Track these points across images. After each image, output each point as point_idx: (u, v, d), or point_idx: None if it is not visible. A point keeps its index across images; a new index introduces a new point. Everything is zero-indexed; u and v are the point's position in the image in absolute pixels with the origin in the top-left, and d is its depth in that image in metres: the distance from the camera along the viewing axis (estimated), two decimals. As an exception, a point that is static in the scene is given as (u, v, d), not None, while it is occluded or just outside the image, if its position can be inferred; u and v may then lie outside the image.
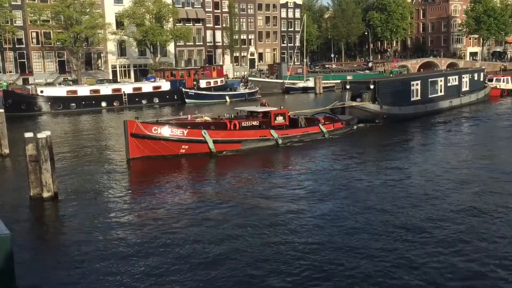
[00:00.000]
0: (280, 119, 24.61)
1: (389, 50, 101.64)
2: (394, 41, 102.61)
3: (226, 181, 17.87)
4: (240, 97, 52.61)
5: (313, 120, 26.73)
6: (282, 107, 26.26)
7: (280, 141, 23.62)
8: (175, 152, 21.51)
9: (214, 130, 22.72)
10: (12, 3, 58.17)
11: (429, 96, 34.46)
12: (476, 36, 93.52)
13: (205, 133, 21.74)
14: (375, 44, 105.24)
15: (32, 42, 61.37)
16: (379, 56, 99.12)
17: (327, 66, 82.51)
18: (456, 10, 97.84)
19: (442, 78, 36.16)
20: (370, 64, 79.86)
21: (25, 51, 60.94)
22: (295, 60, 78.12)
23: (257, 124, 24.56)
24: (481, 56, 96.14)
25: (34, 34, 61.21)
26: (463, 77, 38.72)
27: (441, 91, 35.81)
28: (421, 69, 78.56)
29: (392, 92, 31.50)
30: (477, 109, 37.60)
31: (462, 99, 37.93)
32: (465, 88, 38.86)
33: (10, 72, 58.93)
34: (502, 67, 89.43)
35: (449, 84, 36.68)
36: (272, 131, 23.58)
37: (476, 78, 40.75)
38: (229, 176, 18.70)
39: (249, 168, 20.21)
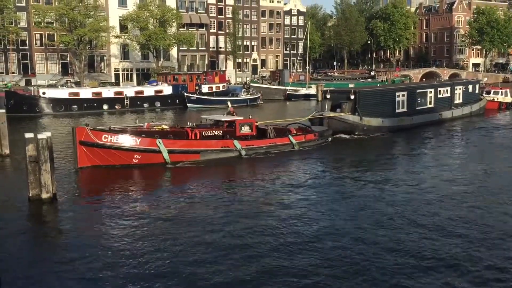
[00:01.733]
0: (246, 129, 23.39)
1: (391, 59, 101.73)
2: (397, 51, 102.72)
3: (171, 196, 16.58)
4: (242, 103, 52.59)
5: (284, 130, 25.55)
6: (250, 117, 25.08)
7: (243, 153, 22.23)
8: (127, 162, 20.18)
9: (170, 140, 21.31)
10: (17, 4, 58.39)
11: (417, 108, 33.11)
12: (479, 47, 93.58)
13: (159, 143, 20.43)
14: (378, 53, 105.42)
15: (36, 44, 61.50)
16: (382, 65, 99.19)
17: (329, 73, 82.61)
18: (459, 21, 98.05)
19: (432, 90, 34.76)
20: (372, 73, 79.92)
21: (28, 53, 61.06)
22: (298, 67, 78.22)
23: (220, 134, 23.28)
24: (484, 67, 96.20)
25: (37, 36, 61.35)
26: (456, 89, 37.23)
27: (430, 103, 34.39)
28: (424, 79, 78.57)
29: (375, 103, 30.08)
30: (469, 122, 35.88)
31: (454, 111, 36.42)
32: (457, 100, 37.31)
33: (13, 73, 59.02)
34: (501, 78, 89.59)
35: (439, 96, 35.27)
36: (235, 142, 22.28)
37: (470, 90, 39.14)
38: (177, 190, 17.41)
39: (202, 181, 18.72)
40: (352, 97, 28.82)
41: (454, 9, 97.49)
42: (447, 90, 36.17)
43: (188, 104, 49.31)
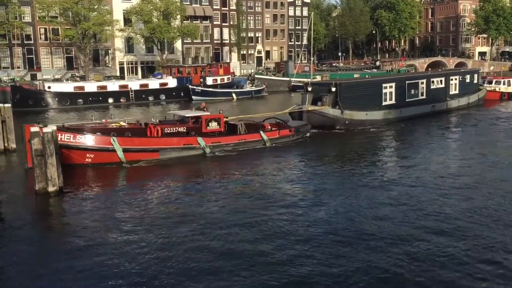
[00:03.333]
0: (213, 125, 22.01)
1: (396, 49, 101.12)
2: (402, 40, 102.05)
3: (116, 199, 15.63)
4: (247, 95, 52.60)
5: (258, 126, 23.87)
6: (221, 111, 24.03)
7: (207, 150, 21.05)
8: (80, 161, 19.08)
9: (127, 138, 20.10)
10: (21, -1, 58.54)
11: (407, 100, 31.59)
12: (485, 35, 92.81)
13: (114, 141, 19.24)
14: (383, 43, 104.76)
15: (40, 38, 61.63)
16: (387, 55, 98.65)
17: (334, 64, 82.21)
18: (465, 9, 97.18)
19: (424, 80, 33.07)
20: (377, 63, 79.48)
21: (33, 47, 61.21)
22: (302, 58, 77.93)
23: (184, 130, 21.79)
24: (490, 56, 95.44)
25: (42, 30, 61.49)
26: (451, 79, 35.42)
27: (422, 95, 32.79)
28: (429, 68, 78.11)
29: (358, 95, 28.63)
30: (465, 114, 34.19)
31: (448, 103, 34.84)
32: (453, 91, 35.58)
33: (18, 67, 59.24)
34: (508, 67, 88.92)
35: (432, 87, 33.60)
36: (199, 139, 21.02)
37: (468, 80, 37.27)
38: (122, 192, 16.52)
39: (152, 182, 17.45)
40: (333, 89, 27.51)
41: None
42: (441, 81, 34.51)
43: (193, 97, 49.35)
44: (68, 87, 46.31)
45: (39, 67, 61.29)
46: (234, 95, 51.59)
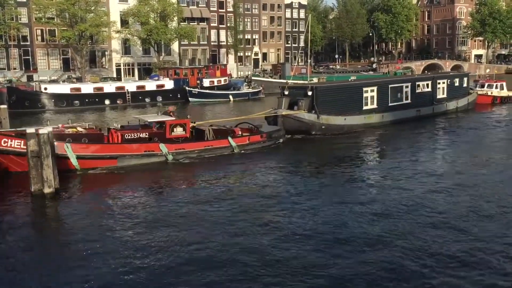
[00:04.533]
0: (178, 131, 20.87)
1: (393, 51, 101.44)
2: (399, 43, 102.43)
3: (111, 201, 15.40)
4: (244, 97, 52.62)
5: (227, 132, 22.77)
6: (189, 116, 23.25)
7: (170, 157, 20.03)
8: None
9: (82, 144, 19.09)
10: (18, 0, 58.34)
11: (390, 105, 30.43)
12: (481, 38, 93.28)
13: (67, 147, 18.27)
14: (380, 45, 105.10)
15: (37, 39, 61.48)
16: (384, 57, 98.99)
17: (331, 66, 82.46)
18: (461, 12, 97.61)
19: (409, 84, 31.94)
20: (374, 65, 79.75)
21: (29, 48, 61.04)
22: (299, 61, 78.03)
23: (147, 136, 20.57)
24: (486, 59, 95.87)
25: (39, 32, 61.34)
26: (439, 83, 34.26)
27: (406, 99, 31.63)
28: (426, 71, 78.38)
29: (336, 99, 27.53)
30: (452, 119, 32.87)
31: (435, 107, 33.56)
32: (441, 95, 34.36)
33: (15, 69, 59.09)
34: (504, 70, 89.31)
35: (418, 91, 32.49)
36: (162, 145, 20.02)
37: (457, 83, 36.00)
38: (116, 194, 16.16)
39: (101, 191, 16.64)
40: (310, 93, 26.36)
41: (456, 0, 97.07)
42: (427, 85, 33.34)
43: (190, 98, 49.35)
44: (64, 88, 46.21)
45: (35, 68, 61.12)
46: (231, 97, 51.60)
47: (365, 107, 29.02)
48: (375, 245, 11.46)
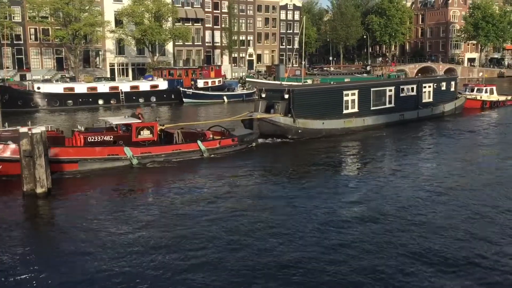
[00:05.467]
0: (145, 134, 20.18)
1: (387, 54, 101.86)
2: (393, 46, 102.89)
3: (105, 202, 15.32)
4: (238, 98, 52.61)
5: (198, 135, 22.18)
6: (157, 119, 22.39)
7: (135, 162, 19.27)
8: None
9: None
10: (11, -1, 58.13)
11: (372, 108, 29.77)
12: (474, 42, 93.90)
13: None
14: (374, 48, 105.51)
15: (30, 39, 61.22)
16: (377, 60, 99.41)
17: (325, 68, 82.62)
18: (455, 15, 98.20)
19: (392, 88, 31.12)
20: (368, 68, 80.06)
21: (23, 47, 60.76)
22: (294, 62, 78.16)
23: (111, 139, 19.90)
24: (479, 62, 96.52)
25: (32, 31, 61.08)
26: (424, 87, 33.46)
27: (390, 103, 30.88)
28: (419, 74, 78.79)
29: (314, 103, 26.74)
30: (438, 124, 31.98)
31: (420, 112, 32.77)
32: (426, 99, 33.60)
33: (8, 68, 58.75)
34: (496, 73, 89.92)
35: (402, 94, 31.68)
36: (126, 149, 19.29)
37: (443, 87, 35.11)
38: (111, 194, 16.13)
39: (99, 192, 16.52)
40: (286, 96, 25.64)
41: (450, 4, 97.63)
42: (412, 88, 32.59)
43: (184, 99, 49.28)
44: (57, 88, 45.98)
45: (28, 68, 60.83)
46: (225, 97, 51.59)
47: (345, 111, 28.32)
48: (353, 252, 11.12)
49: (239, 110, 39.41)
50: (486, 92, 40.90)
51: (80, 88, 46.54)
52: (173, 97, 49.84)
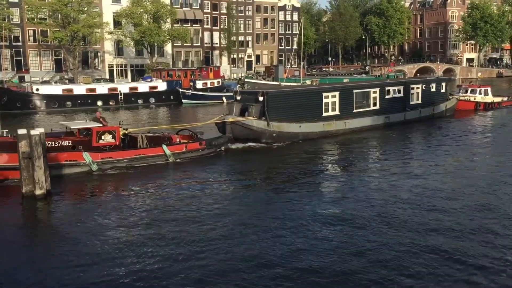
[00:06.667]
0: (107, 139, 19.29)
1: (386, 54, 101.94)
2: (391, 46, 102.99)
3: (104, 204, 15.15)
4: (237, 99, 52.55)
5: (162, 139, 21.35)
6: (121, 123, 21.70)
7: (94, 167, 18.45)
8: None
9: None
10: (10, 0, 58.00)
11: (355, 111, 28.55)
12: (473, 42, 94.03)
13: None
14: (373, 48, 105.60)
15: (29, 40, 61.17)
16: (376, 60, 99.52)
17: (324, 69, 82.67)
18: (453, 16, 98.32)
19: (377, 89, 29.95)
20: (367, 68, 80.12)
21: (21, 49, 60.72)
22: (292, 63, 78.20)
23: (70, 144, 18.95)
24: (478, 62, 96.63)
25: (31, 32, 61.04)
26: (412, 88, 32.33)
27: (374, 105, 29.70)
28: (418, 74, 78.85)
29: (290, 105, 25.56)
30: (426, 126, 30.72)
31: (407, 114, 31.52)
32: (414, 101, 32.42)
33: (6, 69, 58.67)
34: (495, 73, 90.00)
35: (388, 96, 30.52)
36: (85, 154, 18.48)
37: (433, 89, 33.83)
38: (109, 196, 15.87)
39: (97, 194, 16.27)
40: (261, 98, 24.48)
41: (448, 4, 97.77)
42: (398, 90, 31.30)
43: (183, 100, 49.24)
44: (56, 89, 45.93)
45: (27, 69, 60.78)
46: (224, 98, 51.55)
47: (325, 114, 27.07)
48: (328, 261, 10.75)
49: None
50: (480, 93, 39.45)
51: (79, 89, 46.49)
52: (172, 98, 49.81)
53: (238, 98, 25.69)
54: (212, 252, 11.26)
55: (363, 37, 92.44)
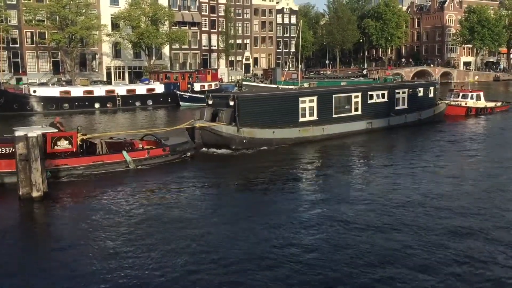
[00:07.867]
0: (62, 145, 18.27)
1: (383, 58, 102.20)
2: (389, 49, 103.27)
3: (100, 206, 14.79)
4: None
5: (123, 145, 20.61)
6: (79, 127, 20.25)
7: (47, 175, 16.86)
8: None
9: None
10: (7, 2, 58.00)
11: (334, 116, 27.51)
12: (470, 46, 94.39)
13: None
14: (370, 51, 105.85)
15: (27, 42, 61.14)
16: (374, 63, 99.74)
17: (321, 72, 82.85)
18: (450, 19, 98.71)
19: (359, 94, 28.87)
20: (364, 71, 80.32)
21: (19, 51, 60.68)
22: (290, 66, 78.33)
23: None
24: (475, 66, 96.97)
25: (28, 34, 61.02)
26: (398, 93, 31.21)
27: (356, 110, 28.66)
28: (415, 78, 79.05)
29: (262, 110, 24.61)
30: (410, 132, 29.43)
31: (391, 119, 30.34)
32: (400, 105, 31.29)
33: (4, 71, 58.61)
34: (492, 77, 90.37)
35: (371, 101, 29.46)
36: None
37: (421, 93, 32.83)
38: (107, 198, 15.53)
39: (94, 196, 15.93)
40: (232, 103, 23.58)
41: (445, 8, 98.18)
42: (382, 94, 30.21)
43: (180, 103, 49.25)
44: (54, 91, 45.90)
45: (24, 71, 60.74)
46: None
47: (301, 119, 26.06)
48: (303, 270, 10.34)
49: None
50: (472, 98, 37.97)
51: (76, 91, 46.47)
52: (169, 100, 49.83)
53: (210, 102, 24.86)
54: (171, 263, 10.75)
55: (361, 40, 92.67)
